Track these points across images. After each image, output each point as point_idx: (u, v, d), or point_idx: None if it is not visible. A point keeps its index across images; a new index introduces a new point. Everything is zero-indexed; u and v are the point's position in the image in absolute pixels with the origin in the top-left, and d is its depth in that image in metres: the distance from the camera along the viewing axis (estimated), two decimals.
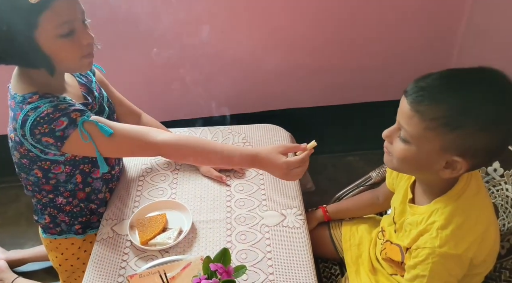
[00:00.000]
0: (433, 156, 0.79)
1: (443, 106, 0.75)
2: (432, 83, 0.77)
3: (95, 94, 1.15)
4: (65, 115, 0.96)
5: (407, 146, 0.81)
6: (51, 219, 1.18)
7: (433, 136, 0.77)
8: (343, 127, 1.98)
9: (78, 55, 0.99)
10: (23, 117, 0.95)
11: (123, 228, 1.12)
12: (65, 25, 0.93)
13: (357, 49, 1.83)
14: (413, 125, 0.78)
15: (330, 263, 1.21)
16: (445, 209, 0.83)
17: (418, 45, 1.86)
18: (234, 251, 1.05)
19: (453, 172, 0.80)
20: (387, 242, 1.00)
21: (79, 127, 0.96)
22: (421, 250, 0.83)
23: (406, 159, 0.83)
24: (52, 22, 0.91)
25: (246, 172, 1.28)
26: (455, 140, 0.76)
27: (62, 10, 0.92)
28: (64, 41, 0.94)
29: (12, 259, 1.61)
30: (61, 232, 1.21)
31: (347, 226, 1.20)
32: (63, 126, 0.95)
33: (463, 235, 0.81)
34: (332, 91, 1.94)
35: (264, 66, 1.81)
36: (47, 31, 0.92)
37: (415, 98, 0.77)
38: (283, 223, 1.12)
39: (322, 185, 1.92)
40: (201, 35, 1.68)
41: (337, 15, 1.73)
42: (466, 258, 0.81)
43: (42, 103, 0.96)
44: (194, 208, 1.17)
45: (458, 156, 0.77)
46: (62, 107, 0.96)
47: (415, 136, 0.79)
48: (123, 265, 1.04)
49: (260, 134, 1.43)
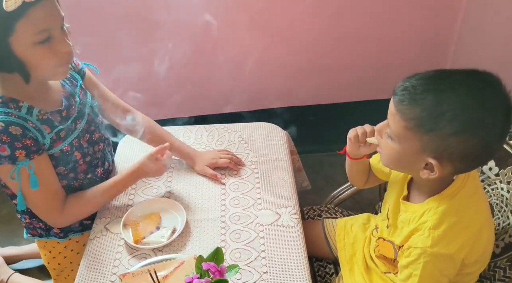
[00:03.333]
0: (413, 156, 0.80)
1: (419, 107, 0.76)
2: (414, 83, 0.77)
3: (77, 99, 1.12)
4: (11, 147, 0.94)
5: (392, 143, 0.83)
6: (30, 221, 1.18)
7: (411, 136, 0.78)
8: (341, 125, 1.96)
9: (54, 63, 0.96)
10: None
11: (116, 226, 1.11)
12: (41, 33, 0.90)
13: (354, 47, 1.83)
14: (396, 123, 0.80)
15: (324, 262, 1.21)
16: (438, 209, 0.83)
17: (415, 43, 1.85)
18: (228, 250, 1.04)
19: (431, 174, 0.80)
20: (379, 239, 1.00)
21: (15, 168, 0.96)
22: (412, 250, 0.83)
23: (391, 156, 0.85)
24: (28, 29, 0.89)
25: (241, 171, 1.28)
26: (430, 142, 0.77)
27: (39, 18, 0.89)
28: (40, 48, 0.92)
29: (6, 255, 1.61)
30: (41, 235, 1.20)
31: (341, 225, 1.19)
32: (2, 153, 0.94)
33: (455, 236, 0.81)
34: (330, 89, 1.94)
35: (261, 64, 1.81)
36: (22, 38, 0.89)
37: (399, 97, 0.78)
38: (278, 222, 1.11)
39: (319, 183, 1.92)
40: (200, 32, 1.67)
41: (334, 14, 1.72)
42: (458, 258, 0.81)
43: None
44: (189, 207, 1.16)
45: (433, 158, 0.78)
46: (13, 132, 0.94)
47: (397, 135, 0.81)
48: (116, 264, 1.03)
49: (256, 132, 1.42)
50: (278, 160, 1.31)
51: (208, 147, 1.37)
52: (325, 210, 1.31)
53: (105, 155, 1.24)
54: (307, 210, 1.33)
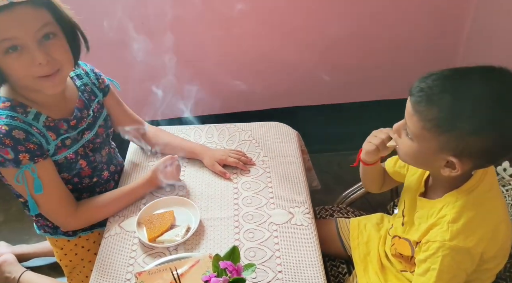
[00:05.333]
0: (432, 155, 0.82)
1: (436, 108, 0.77)
2: (430, 84, 0.78)
3: (90, 112, 1.13)
4: (14, 150, 0.95)
5: (411, 142, 0.84)
6: (37, 219, 1.20)
7: (429, 136, 0.79)
8: (349, 125, 1.97)
9: (27, 74, 0.92)
10: None
11: (130, 225, 1.11)
12: (6, 41, 0.87)
13: (363, 48, 1.83)
14: (414, 124, 0.81)
15: (337, 261, 1.21)
16: (456, 203, 0.84)
17: (424, 44, 1.85)
18: (242, 249, 1.05)
19: (452, 171, 0.81)
20: (395, 238, 1.01)
21: (19, 172, 0.97)
22: (431, 244, 0.84)
23: (410, 155, 0.87)
24: None
25: (253, 170, 1.28)
26: (448, 141, 0.78)
27: (4, 26, 0.86)
28: (10, 58, 0.89)
29: (17, 253, 1.61)
30: (49, 232, 1.22)
31: (355, 224, 1.20)
32: (6, 156, 0.95)
33: (474, 229, 0.82)
34: (338, 90, 1.94)
35: (271, 64, 1.81)
36: None
37: (416, 99, 0.80)
38: (291, 222, 1.11)
39: (328, 183, 1.92)
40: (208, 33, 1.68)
41: (344, 15, 1.73)
42: (476, 252, 0.82)
43: (4, 115, 0.95)
44: (201, 206, 1.16)
45: (454, 156, 0.79)
46: (16, 136, 0.95)
47: (415, 135, 0.82)
48: (131, 262, 1.03)
49: (267, 132, 1.43)
50: (290, 160, 1.31)
51: (219, 146, 1.37)
52: (337, 210, 1.31)
53: (111, 158, 1.25)
54: (319, 210, 1.33)
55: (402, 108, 0.88)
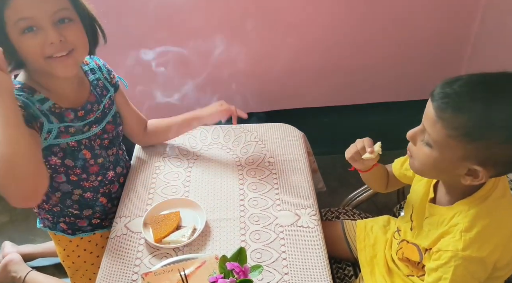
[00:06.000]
0: (454, 163, 0.79)
1: (465, 116, 0.74)
2: (457, 90, 0.76)
3: (101, 107, 1.14)
4: None
5: (430, 150, 0.81)
6: (38, 211, 1.19)
7: (454, 144, 0.76)
8: (355, 127, 1.96)
9: (39, 54, 0.94)
10: None
11: (136, 225, 1.11)
12: (22, 21, 0.91)
13: (369, 49, 1.83)
14: (437, 131, 0.78)
15: (343, 264, 1.21)
16: (469, 212, 0.82)
17: (430, 46, 1.85)
18: (248, 250, 1.04)
19: (474, 180, 0.79)
20: (403, 242, 1.00)
21: None
22: (443, 253, 0.82)
23: (428, 164, 0.83)
24: (12, 18, 0.90)
25: (258, 171, 1.28)
26: (476, 150, 0.76)
27: (21, 6, 0.90)
28: (25, 37, 0.92)
29: (23, 253, 1.62)
30: (49, 226, 1.21)
31: (362, 226, 1.19)
32: None
33: (488, 238, 0.80)
34: (344, 91, 1.93)
35: (276, 65, 1.81)
36: (10, 27, 0.91)
37: (439, 105, 0.76)
38: (298, 223, 1.11)
39: (332, 185, 1.91)
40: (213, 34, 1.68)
41: (349, 15, 1.72)
42: (490, 262, 0.81)
43: None
44: (207, 207, 1.16)
45: (479, 165, 0.77)
46: None
47: (438, 142, 0.79)
48: (137, 263, 1.03)
49: (273, 133, 1.42)
50: (296, 161, 1.31)
51: (225, 147, 1.37)
52: (343, 212, 1.31)
53: (118, 159, 1.25)
54: (325, 212, 1.33)
55: (408, 110, 0.87)
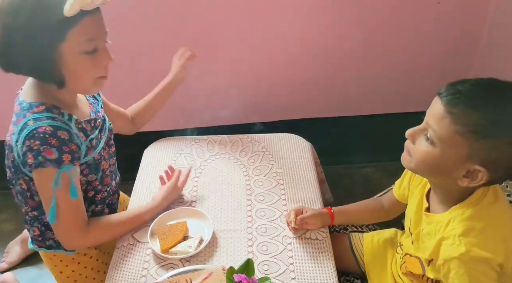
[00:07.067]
0: (455, 162, 0.79)
1: (477, 113, 0.75)
2: (470, 88, 0.76)
3: (100, 114, 1.14)
4: (59, 150, 0.94)
5: (432, 148, 0.80)
6: (39, 233, 1.12)
7: (461, 141, 0.76)
8: (361, 138, 1.96)
9: (95, 74, 0.99)
10: (23, 124, 0.94)
11: (143, 235, 1.11)
12: (90, 42, 0.93)
13: (377, 60, 1.83)
14: (444, 126, 0.77)
15: (351, 276, 1.19)
16: (464, 216, 0.82)
17: (439, 57, 1.84)
18: (255, 262, 1.03)
19: (472, 182, 0.79)
20: (406, 255, 0.99)
21: (59, 171, 0.94)
22: (450, 262, 0.81)
23: (427, 162, 0.83)
24: (79, 37, 0.91)
25: (266, 182, 1.27)
26: (481, 149, 0.75)
27: (89, 27, 0.92)
28: (86, 58, 0.94)
29: None
30: (49, 247, 1.14)
31: (368, 239, 1.18)
32: (49, 156, 0.93)
33: (486, 238, 0.80)
34: (352, 102, 1.93)
35: (284, 75, 1.81)
36: (73, 46, 0.92)
37: (450, 100, 0.76)
38: (306, 235, 1.10)
39: (339, 197, 1.90)
40: (221, 43, 1.68)
41: (357, 27, 1.73)
42: (495, 263, 0.79)
43: (44, 117, 0.95)
44: (215, 217, 1.16)
45: (481, 165, 0.77)
46: (61, 137, 0.95)
47: (443, 138, 0.78)
48: (144, 273, 1.02)
49: (280, 143, 1.42)
50: (303, 172, 1.31)
51: (232, 157, 1.37)
52: (350, 223, 1.30)
53: (116, 169, 1.24)
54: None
55: (415, 122, 0.86)
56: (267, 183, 1.27)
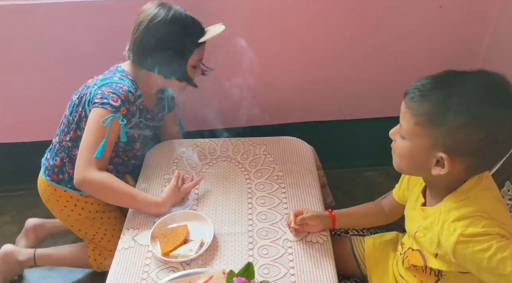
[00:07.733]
0: (424, 152, 0.83)
1: (428, 103, 0.81)
2: (424, 82, 0.83)
3: (158, 117, 1.41)
4: (122, 103, 1.20)
5: (404, 142, 0.86)
6: (60, 164, 1.34)
7: (422, 131, 0.82)
8: (363, 141, 1.96)
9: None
10: (109, 77, 1.25)
11: (144, 238, 1.11)
12: (198, 61, 1.31)
13: (378, 63, 1.82)
14: (406, 121, 0.84)
15: (352, 280, 1.19)
16: (456, 204, 0.85)
17: (441, 60, 1.84)
18: (256, 265, 1.03)
19: (442, 170, 0.82)
20: (408, 250, 0.99)
21: (111, 115, 1.18)
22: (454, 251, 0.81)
23: (404, 156, 0.88)
24: (196, 57, 1.29)
25: (267, 185, 1.27)
26: (440, 136, 0.80)
27: (203, 51, 1.32)
28: (191, 69, 1.30)
29: None
30: (61, 181, 1.34)
31: (370, 242, 1.18)
32: (112, 102, 1.19)
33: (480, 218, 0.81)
34: (354, 105, 1.93)
35: (285, 78, 1.81)
36: (193, 60, 1.29)
37: (408, 96, 0.84)
38: (306, 239, 1.10)
39: (340, 200, 1.89)
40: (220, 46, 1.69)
41: (360, 30, 1.72)
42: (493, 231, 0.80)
43: (127, 81, 1.25)
44: (215, 220, 1.16)
45: (444, 153, 0.80)
46: (129, 97, 1.22)
47: (408, 132, 0.84)
48: (144, 276, 1.02)
49: (282, 146, 1.42)
50: (305, 175, 1.30)
51: (233, 161, 1.37)
52: None
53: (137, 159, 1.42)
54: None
55: None
56: (268, 187, 1.27)
